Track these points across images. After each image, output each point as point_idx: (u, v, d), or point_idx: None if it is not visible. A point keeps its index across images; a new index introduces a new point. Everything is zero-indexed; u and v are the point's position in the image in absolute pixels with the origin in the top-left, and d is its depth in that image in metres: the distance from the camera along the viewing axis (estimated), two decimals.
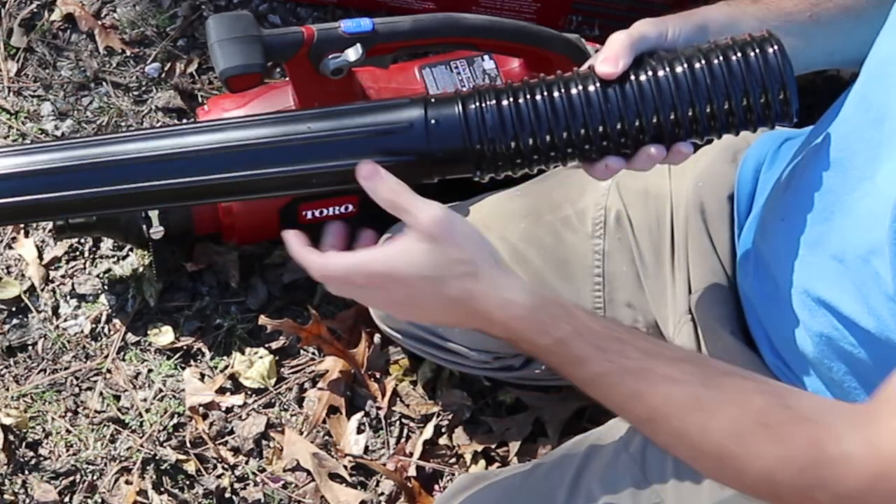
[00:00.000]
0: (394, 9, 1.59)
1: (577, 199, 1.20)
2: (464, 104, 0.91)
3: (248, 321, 1.45)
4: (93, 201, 0.92)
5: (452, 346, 1.27)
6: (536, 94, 0.91)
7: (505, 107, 0.90)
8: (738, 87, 0.88)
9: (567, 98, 0.90)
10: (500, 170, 0.92)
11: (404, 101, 0.93)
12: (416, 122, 0.91)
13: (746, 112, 0.89)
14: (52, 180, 0.92)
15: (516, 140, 0.90)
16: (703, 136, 0.91)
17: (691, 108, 0.89)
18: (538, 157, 0.91)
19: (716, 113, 0.89)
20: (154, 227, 1.32)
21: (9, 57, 1.60)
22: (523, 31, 1.27)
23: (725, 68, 0.88)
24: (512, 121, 0.90)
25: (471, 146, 0.90)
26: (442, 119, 0.91)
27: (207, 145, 0.92)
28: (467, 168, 0.92)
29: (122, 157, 0.92)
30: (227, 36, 1.13)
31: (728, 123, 0.90)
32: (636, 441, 1.09)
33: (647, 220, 1.16)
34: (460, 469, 1.39)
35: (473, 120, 0.90)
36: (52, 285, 1.47)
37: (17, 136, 1.55)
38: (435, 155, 0.91)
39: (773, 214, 1.02)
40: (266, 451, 1.40)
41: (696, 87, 0.89)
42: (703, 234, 1.12)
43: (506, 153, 0.91)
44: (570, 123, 0.90)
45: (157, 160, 0.92)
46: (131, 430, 1.39)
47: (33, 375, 1.42)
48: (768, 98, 0.88)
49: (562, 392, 1.42)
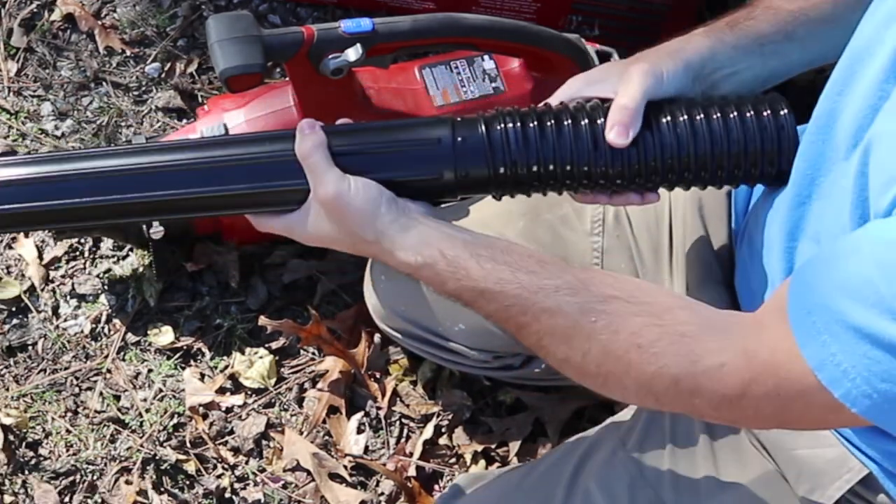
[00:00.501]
0: (394, 9, 1.59)
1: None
2: (487, 126, 0.97)
3: (248, 321, 1.45)
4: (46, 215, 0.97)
5: (452, 346, 1.27)
6: (563, 119, 0.96)
7: (530, 130, 0.96)
8: (751, 145, 0.95)
9: (591, 131, 0.96)
10: (516, 191, 0.99)
11: (431, 120, 1.00)
12: (443, 140, 0.97)
13: (752, 168, 0.96)
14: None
15: (538, 164, 0.96)
16: (707, 186, 0.99)
17: (706, 158, 0.96)
18: (553, 183, 0.97)
19: (724, 167, 0.96)
20: (154, 227, 1.32)
21: (9, 57, 1.60)
22: (523, 31, 1.27)
23: (741, 126, 0.95)
24: (536, 146, 0.96)
25: (494, 169, 0.96)
26: (467, 139, 0.97)
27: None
28: (486, 189, 0.99)
29: (99, 169, 0.96)
30: (227, 36, 1.13)
31: (734, 177, 0.97)
32: (633, 439, 1.09)
33: (645, 218, 1.16)
34: (460, 469, 1.39)
35: (498, 142, 0.96)
36: (52, 285, 1.47)
37: (17, 136, 1.55)
38: (458, 175, 0.97)
39: (764, 207, 1.03)
40: (266, 451, 1.40)
41: (714, 142, 0.95)
42: (701, 232, 1.13)
43: (526, 175, 0.96)
44: (592, 158, 0.96)
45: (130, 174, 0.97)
46: (131, 430, 1.39)
47: (33, 375, 1.42)
48: (774, 160, 0.95)
49: (561, 392, 1.42)
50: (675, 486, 1.05)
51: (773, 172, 0.96)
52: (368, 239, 0.94)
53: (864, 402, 0.72)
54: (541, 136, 0.96)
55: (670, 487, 1.05)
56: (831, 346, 0.73)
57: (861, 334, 0.71)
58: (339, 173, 0.94)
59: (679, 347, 0.83)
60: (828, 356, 0.73)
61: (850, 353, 0.72)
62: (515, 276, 0.90)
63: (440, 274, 0.93)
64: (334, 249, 1.01)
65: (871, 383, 0.71)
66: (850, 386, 0.72)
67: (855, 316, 0.71)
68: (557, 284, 0.89)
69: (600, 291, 0.88)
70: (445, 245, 0.93)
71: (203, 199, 0.97)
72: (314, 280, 1.48)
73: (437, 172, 0.97)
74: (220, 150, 0.98)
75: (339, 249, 0.99)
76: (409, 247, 0.93)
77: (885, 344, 0.70)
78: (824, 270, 0.75)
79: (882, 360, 0.70)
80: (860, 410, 0.73)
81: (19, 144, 1.54)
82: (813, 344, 0.74)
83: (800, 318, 0.76)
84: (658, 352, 0.84)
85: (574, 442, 1.15)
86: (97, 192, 0.96)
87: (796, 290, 0.78)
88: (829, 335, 0.73)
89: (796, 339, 0.76)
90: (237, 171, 0.97)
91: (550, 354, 0.91)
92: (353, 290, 1.46)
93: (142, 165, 0.96)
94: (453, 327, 1.24)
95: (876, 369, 0.71)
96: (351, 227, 0.95)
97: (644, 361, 0.85)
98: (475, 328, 1.23)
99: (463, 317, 1.23)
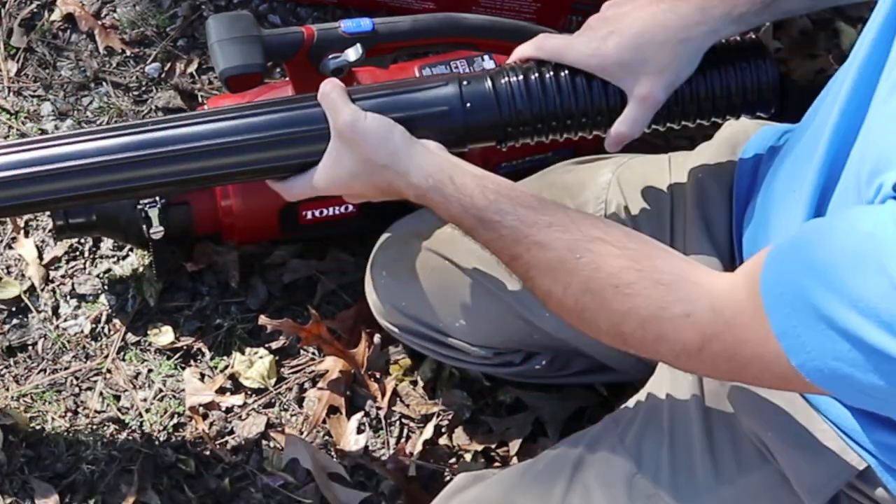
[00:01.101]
0: (394, 9, 1.59)
1: (578, 193, 1.20)
2: (493, 80, 1.09)
3: (248, 321, 1.45)
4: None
5: (453, 342, 1.27)
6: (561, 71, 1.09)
7: (532, 80, 1.08)
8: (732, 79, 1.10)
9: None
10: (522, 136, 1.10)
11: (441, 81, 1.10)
12: (452, 97, 1.09)
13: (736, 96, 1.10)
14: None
15: (541, 110, 1.08)
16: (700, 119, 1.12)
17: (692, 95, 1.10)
18: (557, 125, 1.10)
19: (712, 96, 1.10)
20: (154, 227, 1.32)
21: (9, 57, 1.60)
22: (523, 31, 1.27)
23: (726, 73, 1.10)
24: (538, 93, 1.08)
25: (500, 116, 1.08)
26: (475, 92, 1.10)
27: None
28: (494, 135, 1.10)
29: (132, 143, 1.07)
30: (227, 36, 1.13)
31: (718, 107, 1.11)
32: (631, 435, 1.09)
33: (647, 214, 1.17)
34: (460, 469, 1.39)
35: (504, 92, 1.08)
36: (52, 285, 1.47)
37: (17, 136, 1.55)
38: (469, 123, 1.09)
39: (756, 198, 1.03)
40: (266, 451, 1.40)
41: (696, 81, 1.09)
42: (702, 227, 1.13)
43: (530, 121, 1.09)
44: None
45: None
46: (131, 430, 1.39)
47: (33, 375, 1.42)
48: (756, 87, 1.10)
49: (562, 391, 1.42)
50: (673, 481, 1.05)
51: (755, 100, 1.11)
52: (382, 162, 1.02)
53: (816, 374, 0.77)
54: (542, 86, 1.08)
55: (669, 483, 1.05)
56: (793, 319, 0.77)
57: (819, 315, 0.74)
58: (355, 107, 1.04)
59: (652, 292, 0.88)
60: (790, 328, 0.77)
61: (808, 329, 0.76)
62: (515, 209, 0.97)
63: (447, 197, 0.99)
64: (357, 201, 1.10)
65: (824, 360, 0.75)
66: (805, 357, 0.76)
67: (817, 297, 0.74)
68: (551, 221, 0.95)
69: (589, 232, 0.94)
70: (456, 172, 1.00)
71: (232, 154, 1.07)
72: (314, 280, 1.48)
73: (447, 114, 1.09)
74: (248, 117, 1.09)
75: (359, 191, 1.06)
76: (420, 168, 1.01)
77: (839, 328, 0.73)
78: (801, 247, 0.78)
79: (836, 342, 0.74)
80: (813, 380, 0.77)
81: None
82: (778, 314, 0.78)
83: (770, 286, 0.79)
84: (632, 293, 0.89)
85: (573, 438, 1.15)
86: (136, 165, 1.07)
87: (773, 260, 0.80)
88: (791, 309, 0.77)
89: (764, 305, 0.79)
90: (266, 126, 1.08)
91: (536, 286, 0.97)
92: (353, 290, 1.47)
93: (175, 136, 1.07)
94: (454, 323, 1.24)
95: (829, 348, 0.74)
96: (366, 153, 1.02)
97: (618, 301, 0.90)
98: (476, 324, 1.23)
99: (463, 313, 1.23)
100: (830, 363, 0.74)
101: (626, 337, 0.91)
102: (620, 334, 0.92)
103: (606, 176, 1.20)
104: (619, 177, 1.19)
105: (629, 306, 0.89)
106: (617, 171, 1.21)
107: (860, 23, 1.70)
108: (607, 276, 0.91)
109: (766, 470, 1.03)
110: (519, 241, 0.96)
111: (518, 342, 1.25)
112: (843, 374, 0.74)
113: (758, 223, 1.05)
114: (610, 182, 1.19)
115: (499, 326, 1.22)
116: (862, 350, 0.72)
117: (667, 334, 0.88)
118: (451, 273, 1.22)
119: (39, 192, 1.07)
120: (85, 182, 1.07)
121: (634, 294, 0.89)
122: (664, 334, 0.88)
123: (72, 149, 1.06)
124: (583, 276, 0.92)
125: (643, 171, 1.20)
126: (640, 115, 1.07)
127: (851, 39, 1.69)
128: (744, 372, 0.85)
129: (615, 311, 0.90)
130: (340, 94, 1.05)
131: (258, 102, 1.12)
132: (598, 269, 0.91)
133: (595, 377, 1.36)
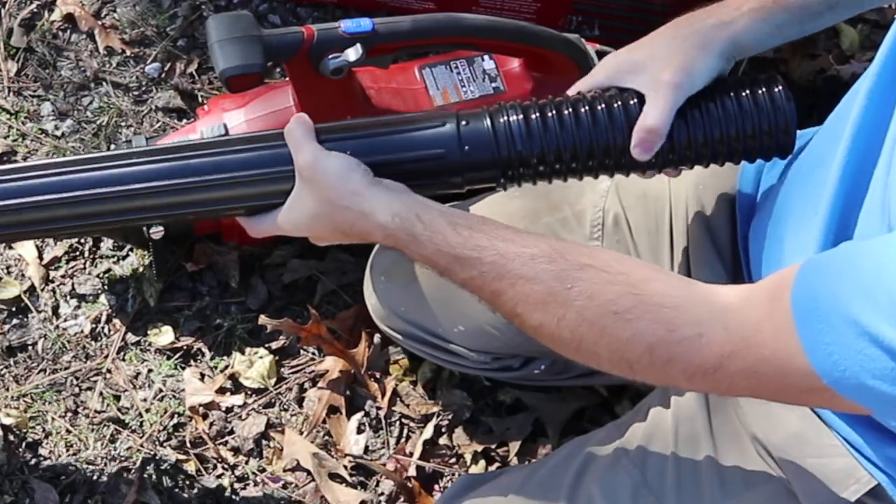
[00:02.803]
0: (394, 9, 1.59)
1: (576, 200, 1.20)
2: (492, 118, 1.00)
3: (248, 321, 1.45)
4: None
5: (452, 347, 1.27)
6: (563, 109, 1.00)
7: (533, 120, 1.00)
8: (748, 120, 0.99)
9: (609, 112, 1.00)
10: (524, 179, 1.02)
11: (437, 118, 1.02)
12: (449, 137, 1.01)
13: (751, 140, 1.00)
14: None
15: (542, 152, 0.99)
16: (709, 163, 1.02)
17: (704, 137, 0.99)
18: (560, 169, 1.01)
19: (724, 141, 0.99)
20: (154, 228, 1.32)
21: (9, 57, 1.60)
22: (523, 31, 1.27)
23: (736, 104, 0.99)
24: (539, 133, 0.99)
25: (499, 156, 1.00)
26: (473, 132, 1.01)
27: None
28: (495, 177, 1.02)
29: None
30: (227, 36, 1.13)
31: (733, 151, 1.01)
32: (636, 444, 1.09)
33: (645, 223, 1.16)
34: (460, 469, 1.39)
35: (502, 132, 1.00)
36: (52, 285, 1.47)
37: (17, 136, 1.55)
38: (467, 163, 1.01)
39: (767, 214, 1.02)
40: (266, 451, 1.40)
41: (710, 119, 0.99)
42: (705, 237, 1.12)
43: (532, 164, 1.00)
44: (595, 140, 1.00)
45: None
46: (131, 430, 1.39)
47: (33, 375, 1.42)
48: (772, 130, 0.99)
49: (562, 392, 1.42)
50: (678, 493, 1.04)
51: (774, 145, 1.00)
52: (344, 203, 0.96)
53: (851, 391, 0.75)
54: (544, 126, 1.00)
55: (673, 495, 1.04)
56: (827, 336, 0.74)
57: (859, 331, 0.72)
58: (318, 146, 0.98)
59: (656, 316, 0.85)
60: (822, 344, 0.75)
61: (844, 346, 0.73)
62: (492, 243, 0.92)
63: (417, 237, 0.94)
64: (324, 244, 1.04)
65: (860, 377, 0.73)
66: (839, 376, 0.74)
67: (860, 313, 0.72)
68: (533, 253, 0.90)
69: (576, 260, 0.89)
70: (421, 210, 0.95)
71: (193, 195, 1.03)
72: (314, 280, 1.48)
73: (443, 157, 1.01)
74: (215, 151, 1.04)
75: (322, 234, 1.01)
76: (384, 207, 0.95)
77: (882, 345, 0.71)
78: (840, 264, 0.76)
79: (876, 359, 0.72)
80: (849, 397, 0.75)
81: (19, 144, 1.54)
82: (810, 330, 0.76)
83: (802, 302, 0.76)
84: (633, 318, 0.85)
85: (576, 446, 1.14)
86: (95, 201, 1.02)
87: (806, 275, 0.78)
88: (826, 325, 0.74)
89: (796, 321, 0.76)
90: (230, 164, 1.03)
91: (525, 322, 0.92)
92: (353, 290, 1.46)
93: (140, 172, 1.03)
94: (453, 329, 1.24)
95: (868, 366, 0.72)
96: (326, 192, 0.97)
97: (619, 328, 0.86)
98: (474, 330, 1.23)
99: (462, 318, 1.23)
100: (868, 381, 0.72)
101: (632, 364, 0.87)
102: (625, 361, 0.88)
103: (605, 183, 1.19)
104: (618, 184, 1.18)
105: (632, 332, 0.85)
106: (616, 178, 1.20)
107: (860, 23, 1.70)
108: (604, 303, 0.87)
109: (773, 485, 1.01)
110: (502, 277, 0.91)
111: (517, 347, 1.25)
112: (881, 391, 0.72)
113: (771, 242, 1.02)
114: (609, 190, 1.19)
115: (497, 332, 1.21)
116: None
117: (678, 357, 0.84)
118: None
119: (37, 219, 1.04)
120: (52, 215, 1.03)
121: (636, 319, 0.85)
122: (675, 357, 0.84)
123: (46, 181, 1.03)
124: (577, 306, 0.87)
125: (643, 179, 1.19)
126: (662, 101, 0.98)
127: (851, 39, 1.69)
128: (763, 389, 0.83)
129: (617, 339, 0.86)
130: (305, 131, 1.00)
131: (228, 139, 1.07)
132: (591, 297, 0.87)
133: (595, 379, 1.36)
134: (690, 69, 0.98)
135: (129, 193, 1.02)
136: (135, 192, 1.02)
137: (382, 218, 0.95)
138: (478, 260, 0.91)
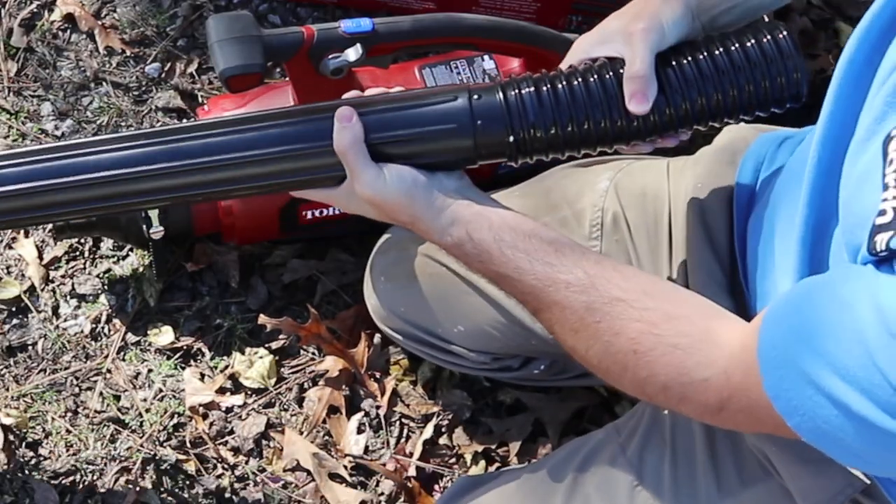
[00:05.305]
0: (394, 9, 1.59)
1: (575, 200, 1.20)
2: (504, 91, 1.00)
3: (248, 321, 1.45)
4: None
5: (452, 348, 1.27)
6: (574, 80, 1.00)
7: (544, 91, 1.00)
8: (757, 71, 0.97)
9: (602, 82, 0.99)
10: (536, 153, 1.02)
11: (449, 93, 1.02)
12: (461, 111, 1.01)
13: (764, 93, 0.98)
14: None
15: (555, 125, 0.99)
16: (725, 119, 1.00)
17: (717, 94, 0.98)
18: (573, 138, 1.00)
19: (736, 96, 0.98)
20: (154, 227, 1.32)
21: (9, 57, 1.60)
22: (523, 31, 1.27)
23: (743, 55, 0.97)
24: (551, 104, 0.99)
25: (512, 129, 1.00)
26: (485, 105, 1.01)
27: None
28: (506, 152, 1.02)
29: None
30: (227, 36, 1.13)
31: (747, 105, 0.98)
32: (633, 446, 1.09)
33: (644, 222, 1.16)
34: (460, 469, 1.39)
35: (514, 105, 1.00)
36: (52, 285, 1.47)
37: (17, 136, 1.55)
38: (478, 139, 1.01)
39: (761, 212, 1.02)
40: (266, 451, 1.40)
41: (720, 75, 0.97)
42: (703, 236, 1.12)
43: (543, 138, 1.00)
44: (607, 110, 0.99)
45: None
46: (131, 430, 1.39)
47: (33, 375, 1.42)
48: (782, 80, 0.97)
49: (561, 393, 1.42)
50: (675, 494, 1.04)
51: (787, 96, 0.98)
52: (404, 221, 1.01)
53: (811, 436, 0.77)
54: (555, 98, 1.00)
55: (670, 496, 1.04)
56: (785, 383, 0.77)
57: (806, 380, 0.74)
58: (375, 170, 0.99)
59: (671, 359, 0.88)
60: (782, 391, 0.77)
61: (798, 394, 0.76)
62: (532, 267, 0.95)
63: (468, 255, 0.99)
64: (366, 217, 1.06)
65: (815, 422, 0.76)
66: (799, 420, 0.77)
67: (804, 362, 0.74)
68: (569, 280, 0.94)
69: (607, 291, 0.92)
70: (473, 227, 0.98)
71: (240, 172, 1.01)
72: (314, 280, 1.48)
73: (461, 144, 1.01)
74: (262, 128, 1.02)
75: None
76: (440, 230, 1.00)
77: (825, 394, 0.73)
78: (792, 310, 0.78)
79: (823, 407, 0.74)
80: (808, 439, 0.77)
81: (19, 144, 1.54)
82: (772, 377, 0.78)
83: (765, 349, 0.79)
84: (651, 360, 0.89)
85: (574, 446, 1.14)
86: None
87: (768, 322, 0.80)
88: (784, 372, 0.77)
89: (760, 367, 0.79)
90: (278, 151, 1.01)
91: (560, 341, 0.97)
92: (353, 290, 1.47)
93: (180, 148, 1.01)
94: (452, 329, 1.24)
95: (818, 413, 0.75)
96: (388, 213, 1.01)
97: (638, 366, 0.90)
98: (474, 330, 1.23)
99: (462, 319, 1.23)
100: (822, 426, 0.75)
101: (651, 397, 0.92)
102: (645, 394, 0.93)
103: (604, 183, 1.19)
104: (617, 184, 1.18)
105: (649, 372, 0.89)
106: (615, 177, 1.20)
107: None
108: (627, 341, 0.90)
109: (769, 484, 1.02)
110: (539, 300, 0.95)
111: (516, 348, 1.25)
112: (834, 437, 0.75)
113: (765, 240, 1.03)
114: (608, 189, 1.18)
115: (497, 332, 1.21)
116: (847, 416, 0.72)
117: (689, 397, 0.88)
118: (448, 279, 1.22)
119: (38, 204, 1.01)
120: (103, 193, 1.01)
121: (653, 361, 0.89)
122: (686, 397, 0.88)
123: (87, 160, 1.00)
124: (603, 340, 0.91)
125: (641, 177, 1.19)
126: (638, 48, 0.97)
127: None
128: (763, 427, 0.86)
129: (637, 376, 0.90)
130: (358, 152, 0.99)
131: (269, 112, 1.05)
132: (617, 334, 0.91)
133: (594, 380, 1.36)
134: (657, 14, 0.99)
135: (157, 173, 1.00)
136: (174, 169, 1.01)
137: (437, 237, 1.00)
138: (518, 282, 0.96)
